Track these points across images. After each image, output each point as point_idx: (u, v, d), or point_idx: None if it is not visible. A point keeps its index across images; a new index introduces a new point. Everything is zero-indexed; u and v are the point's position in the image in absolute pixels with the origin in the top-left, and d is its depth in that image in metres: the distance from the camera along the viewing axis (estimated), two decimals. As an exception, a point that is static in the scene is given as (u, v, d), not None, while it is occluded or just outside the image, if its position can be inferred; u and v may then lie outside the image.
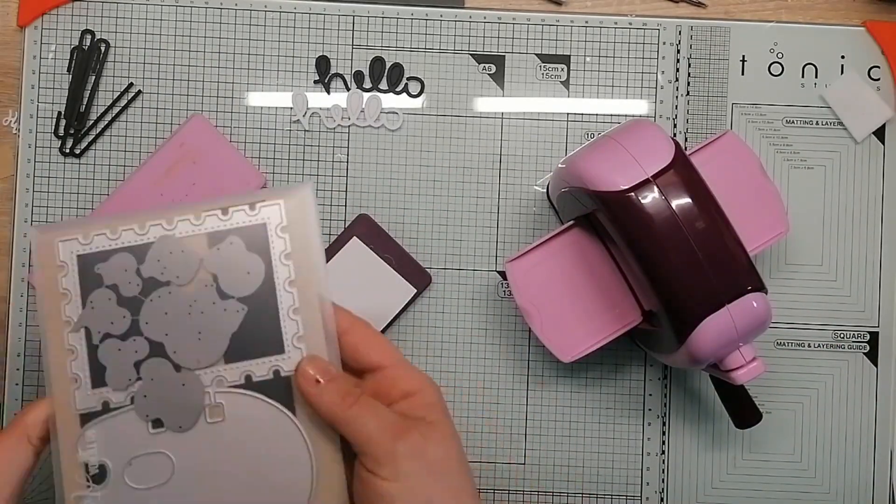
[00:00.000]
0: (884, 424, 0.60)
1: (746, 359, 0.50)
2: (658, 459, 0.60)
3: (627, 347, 0.60)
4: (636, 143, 0.50)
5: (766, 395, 0.60)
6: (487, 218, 0.61)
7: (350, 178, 0.60)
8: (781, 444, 0.60)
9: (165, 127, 0.60)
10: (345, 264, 0.59)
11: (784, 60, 0.61)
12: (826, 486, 0.60)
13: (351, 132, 0.61)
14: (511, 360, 0.60)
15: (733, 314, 0.48)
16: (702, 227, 0.48)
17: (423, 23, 0.61)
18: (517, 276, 0.54)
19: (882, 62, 0.61)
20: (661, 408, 0.60)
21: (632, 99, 0.61)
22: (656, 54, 0.61)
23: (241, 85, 0.61)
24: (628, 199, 0.48)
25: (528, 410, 0.60)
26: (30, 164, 0.60)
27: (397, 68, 0.61)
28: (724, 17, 0.62)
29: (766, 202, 0.55)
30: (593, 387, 0.60)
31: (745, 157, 0.55)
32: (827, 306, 0.61)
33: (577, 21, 0.61)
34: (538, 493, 0.60)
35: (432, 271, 0.60)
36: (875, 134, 0.61)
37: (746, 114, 0.61)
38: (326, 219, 0.60)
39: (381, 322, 0.59)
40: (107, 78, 0.60)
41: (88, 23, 0.60)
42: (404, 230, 0.60)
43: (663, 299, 0.48)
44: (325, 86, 0.61)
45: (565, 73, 0.61)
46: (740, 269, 0.48)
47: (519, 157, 0.61)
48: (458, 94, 0.61)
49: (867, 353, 0.60)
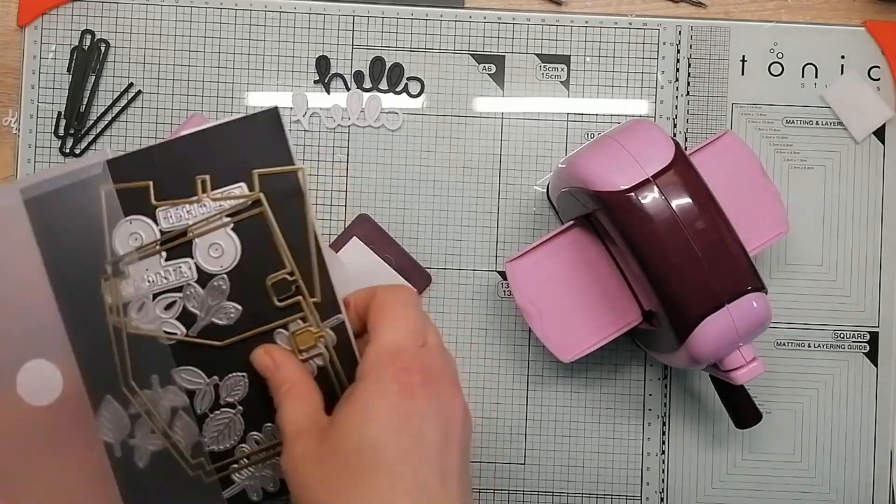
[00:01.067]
0: (884, 424, 0.60)
1: (746, 359, 0.50)
2: (658, 459, 0.60)
3: (627, 347, 0.60)
4: (636, 143, 0.50)
5: (766, 395, 0.60)
6: (487, 218, 0.61)
7: (350, 178, 0.60)
8: (781, 444, 0.60)
9: (165, 127, 0.60)
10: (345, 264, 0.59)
11: (784, 60, 0.61)
12: (826, 486, 0.60)
13: (351, 132, 0.61)
14: (511, 360, 0.60)
15: (733, 314, 0.48)
16: (702, 227, 0.48)
17: (423, 23, 0.61)
18: (517, 276, 0.54)
19: (882, 62, 0.61)
20: (661, 408, 0.60)
21: (632, 99, 0.61)
22: (656, 54, 0.61)
23: (240, 85, 0.61)
24: (628, 199, 0.48)
25: (528, 410, 0.60)
26: (30, 164, 0.60)
27: (397, 68, 0.61)
28: (724, 17, 0.62)
29: (766, 202, 0.55)
30: (593, 387, 0.60)
31: (745, 157, 0.55)
32: (827, 306, 0.61)
33: (577, 21, 0.61)
34: (538, 494, 0.60)
35: (432, 271, 0.60)
36: (875, 134, 0.61)
37: (746, 114, 0.61)
38: (326, 219, 0.60)
39: (381, 322, 0.59)
40: (107, 78, 0.60)
41: (88, 23, 0.60)
42: (404, 230, 0.60)
43: (663, 299, 0.48)
44: (325, 86, 0.61)
45: (565, 73, 0.61)
46: (740, 269, 0.48)
47: (519, 157, 0.61)
48: (458, 94, 0.61)
49: (867, 354, 0.60)
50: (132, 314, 0.48)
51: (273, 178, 0.48)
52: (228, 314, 0.49)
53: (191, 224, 0.48)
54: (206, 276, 0.48)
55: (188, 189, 0.48)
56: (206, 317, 0.48)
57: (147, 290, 0.48)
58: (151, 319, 0.48)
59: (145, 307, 0.48)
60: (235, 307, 0.48)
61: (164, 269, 0.48)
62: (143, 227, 0.48)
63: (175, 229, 0.48)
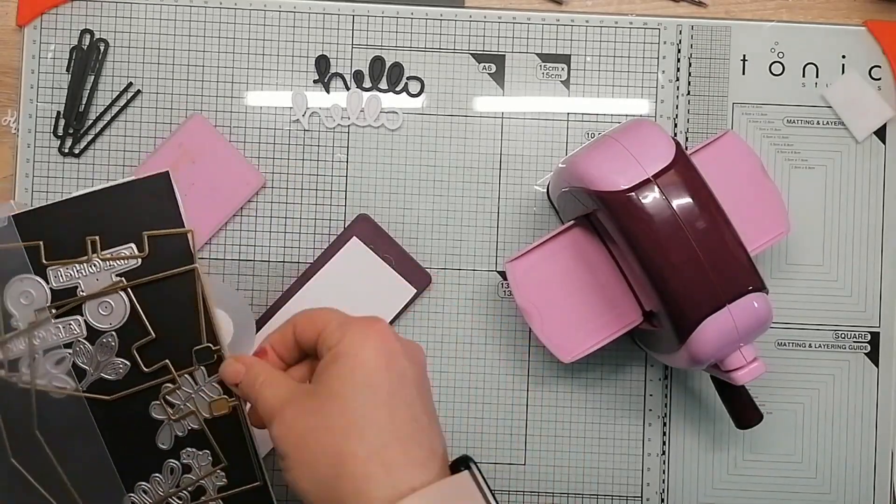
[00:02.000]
0: (884, 424, 0.60)
1: (747, 359, 0.50)
2: (659, 460, 0.60)
3: (628, 347, 0.60)
4: (637, 143, 0.49)
5: (766, 396, 0.60)
6: (487, 218, 0.60)
7: (350, 178, 0.60)
8: (782, 445, 0.60)
9: (165, 127, 0.60)
10: (345, 264, 0.59)
11: (785, 60, 0.61)
12: (826, 486, 0.60)
13: (351, 132, 0.61)
14: (511, 360, 0.60)
15: (734, 314, 0.48)
16: (702, 226, 0.47)
17: (423, 22, 0.61)
18: (517, 276, 0.54)
19: (883, 62, 0.61)
20: (661, 408, 0.60)
21: (632, 98, 0.61)
22: (657, 54, 0.61)
23: (240, 85, 0.60)
24: (629, 198, 0.48)
25: (528, 410, 0.60)
26: (29, 164, 0.60)
27: (397, 68, 0.61)
28: (724, 16, 0.62)
29: (767, 202, 0.54)
30: (593, 387, 0.60)
31: (746, 156, 0.55)
32: (827, 306, 0.61)
33: (577, 20, 0.61)
34: (538, 494, 0.60)
35: (432, 271, 0.60)
36: (876, 134, 0.61)
37: (747, 113, 0.61)
38: (326, 219, 0.60)
39: (381, 322, 0.59)
40: (106, 77, 0.60)
41: (88, 22, 0.60)
42: (404, 230, 0.60)
43: (664, 299, 0.48)
44: (325, 85, 0.61)
45: (566, 72, 0.61)
46: (741, 269, 0.48)
47: (519, 157, 0.61)
48: (458, 93, 0.61)
49: (868, 354, 0.60)
50: (23, 369, 0.50)
51: (163, 239, 0.51)
52: (117, 369, 0.51)
53: (80, 283, 0.50)
54: (95, 333, 0.51)
55: (79, 249, 0.51)
56: (95, 372, 0.51)
57: (38, 347, 0.50)
58: (42, 374, 0.50)
59: (36, 362, 0.50)
60: (124, 363, 0.51)
61: (55, 325, 0.50)
62: (35, 285, 0.50)
63: (65, 288, 0.50)
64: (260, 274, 0.60)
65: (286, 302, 0.59)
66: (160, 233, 0.51)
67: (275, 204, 0.60)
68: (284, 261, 0.60)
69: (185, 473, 0.52)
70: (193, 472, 0.52)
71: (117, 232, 0.51)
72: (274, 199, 0.60)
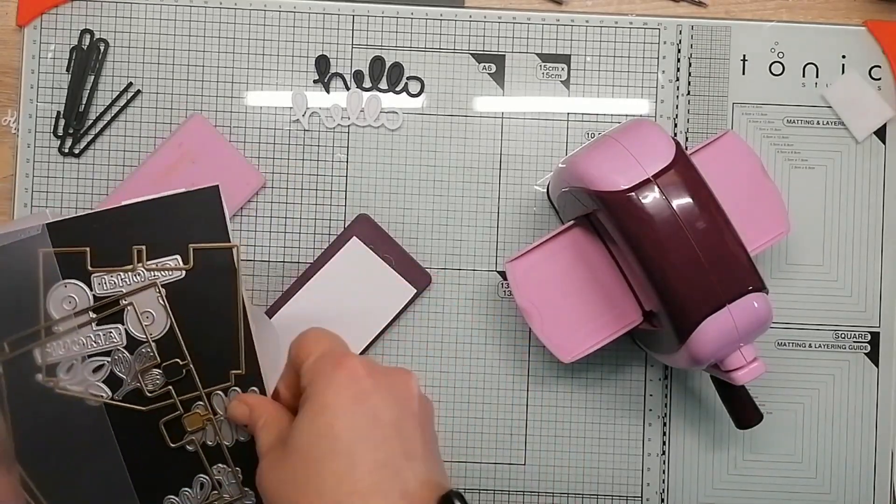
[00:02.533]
0: (884, 424, 0.60)
1: (747, 359, 0.50)
2: (659, 460, 0.60)
3: (627, 347, 0.60)
4: (637, 143, 0.49)
5: (766, 396, 0.60)
6: (487, 218, 0.60)
7: (350, 178, 0.60)
8: (782, 445, 0.60)
9: (165, 127, 0.60)
10: (345, 264, 0.59)
11: (785, 60, 0.61)
12: (826, 486, 0.60)
13: (351, 132, 0.61)
14: (511, 360, 0.60)
15: (734, 314, 0.48)
16: (702, 226, 0.47)
17: (423, 22, 0.61)
18: (517, 276, 0.54)
19: (883, 62, 0.61)
20: (661, 408, 0.60)
21: (632, 98, 0.61)
22: (657, 54, 0.61)
23: (240, 85, 0.60)
24: (629, 198, 0.48)
25: (528, 410, 0.60)
26: (29, 164, 0.60)
27: (397, 68, 0.61)
28: (724, 16, 0.62)
29: (767, 202, 0.54)
30: (593, 387, 0.60)
31: (746, 156, 0.55)
32: (827, 306, 0.61)
33: (577, 20, 0.61)
34: (538, 494, 0.60)
35: (432, 271, 0.60)
36: (876, 134, 0.61)
37: (747, 113, 0.61)
38: (326, 219, 0.60)
39: (381, 322, 0.59)
40: (106, 77, 0.60)
41: (88, 22, 0.60)
42: (404, 230, 0.60)
43: (664, 299, 0.48)
44: (325, 85, 0.61)
45: (566, 72, 0.61)
46: (741, 269, 0.48)
47: (519, 157, 0.61)
48: (458, 93, 0.61)
49: (868, 354, 0.60)
50: (61, 375, 0.50)
51: (208, 252, 0.51)
52: (154, 380, 0.51)
53: (124, 292, 0.50)
54: (134, 343, 0.50)
55: (124, 257, 0.50)
56: (131, 382, 0.50)
57: (77, 353, 0.50)
58: (79, 381, 0.50)
59: (74, 369, 0.50)
60: (160, 374, 0.51)
61: (95, 333, 0.50)
62: (78, 291, 0.50)
63: (108, 295, 0.50)
64: (260, 274, 0.60)
65: (286, 302, 0.59)
66: (206, 246, 0.51)
67: (275, 204, 0.60)
68: (284, 261, 0.60)
69: (214, 490, 0.51)
70: (224, 490, 0.51)
71: (163, 243, 0.51)
72: (274, 199, 0.60)
